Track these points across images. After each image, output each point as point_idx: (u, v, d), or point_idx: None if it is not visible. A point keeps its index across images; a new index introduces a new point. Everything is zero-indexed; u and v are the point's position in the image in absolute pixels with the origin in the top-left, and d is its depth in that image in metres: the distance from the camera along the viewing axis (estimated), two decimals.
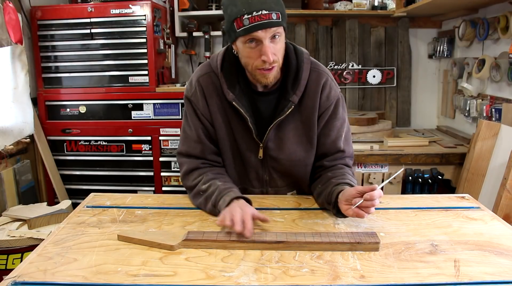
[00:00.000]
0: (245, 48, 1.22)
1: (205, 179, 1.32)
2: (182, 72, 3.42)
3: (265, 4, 1.16)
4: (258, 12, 1.15)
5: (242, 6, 1.16)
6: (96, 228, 1.20)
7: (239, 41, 1.22)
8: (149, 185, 2.91)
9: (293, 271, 0.97)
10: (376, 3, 3.16)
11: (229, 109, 1.34)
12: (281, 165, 1.40)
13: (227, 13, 1.21)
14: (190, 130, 1.39)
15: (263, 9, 1.15)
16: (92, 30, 2.76)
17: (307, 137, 1.38)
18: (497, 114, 2.38)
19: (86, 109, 2.85)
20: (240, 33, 1.18)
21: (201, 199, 1.31)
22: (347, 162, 1.41)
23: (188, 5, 3.08)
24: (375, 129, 2.91)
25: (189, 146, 1.38)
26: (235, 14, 1.17)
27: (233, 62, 1.33)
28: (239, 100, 1.31)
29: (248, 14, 1.15)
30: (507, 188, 1.97)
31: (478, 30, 2.57)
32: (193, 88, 1.37)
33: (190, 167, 1.37)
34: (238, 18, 1.17)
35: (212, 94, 1.35)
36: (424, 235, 1.16)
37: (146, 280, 0.93)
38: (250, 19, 1.15)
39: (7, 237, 1.92)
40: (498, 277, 0.95)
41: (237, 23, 1.17)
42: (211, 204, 1.26)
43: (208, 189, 1.29)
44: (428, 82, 3.39)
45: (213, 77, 1.35)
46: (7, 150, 2.41)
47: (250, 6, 1.15)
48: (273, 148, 1.37)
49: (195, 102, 1.36)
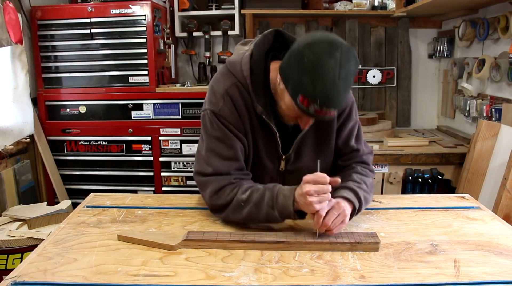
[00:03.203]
0: (289, 104, 1.14)
1: (242, 189, 1.20)
2: (182, 72, 3.42)
3: (339, 105, 1.10)
4: (328, 109, 1.08)
5: (320, 94, 1.05)
6: (96, 228, 1.20)
7: (291, 100, 1.12)
8: (149, 185, 2.91)
9: (293, 271, 0.98)
10: (376, 3, 3.16)
11: (255, 121, 1.27)
12: (299, 174, 1.38)
13: (300, 77, 1.07)
14: (221, 147, 1.24)
15: (335, 108, 1.09)
16: (92, 30, 2.75)
17: (327, 145, 1.36)
18: (497, 114, 2.38)
19: (86, 109, 2.84)
20: (298, 106, 1.10)
21: (249, 209, 1.17)
22: (363, 160, 1.39)
23: (188, 5, 3.08)
24: (375, 129, 2.91)
25: (220, 165, 1.24)
26: (307, 93, 1.06)
27: (260, 73, 1.26)
28: (267, 113, 1.25)
29: (318, 106, 1.06)
30: (507, 188, 1.97)
31: (478, 30, 2.57)
32: (220, 101, 1.25)
33: (221, 184, 1.22)
34: (306, 98, 1.07)
35: (242, 106, 1.26)
36: (424, 235, 1.16)
37: (146, 280, 0.93)
38: (316, 111, 1.08)
39: (7, 237, 1.92)
40: (498, 277, 0.95)
41: (302, 99, 1.08)
42: (268, 206, 1.15)
43: (252, 196, 1.18)
44: (428, 82, 3.39)
45: (240, 88, 1.26)
46: (7, 150, 2.41)
47: (326, 100, 1.06)
48: (293, 159, 1.34)
49: (225, 117, 1.24)
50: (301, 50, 1.08)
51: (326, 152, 1.37)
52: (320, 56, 1.04)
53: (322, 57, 1.04)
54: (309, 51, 1.06)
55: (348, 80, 1.07)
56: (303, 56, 1.07)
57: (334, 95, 1.05)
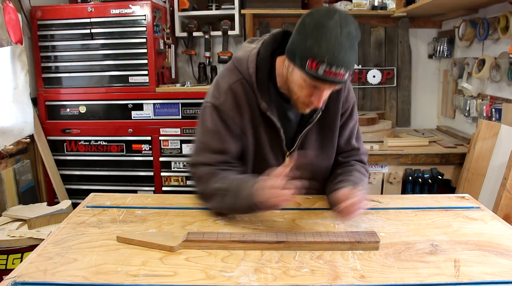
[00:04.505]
0: (300, 81, 1.14)
1: (217, 178, 1.24)
2: (182, 72, 3.42)
3: (347, 63, 1.08)
4: (337, 69, 1.06)
5: (326, 53, 1.05)
6: (96, 228, 1.20)
7: (299, 72, 1.12)
8: (149, 185, 2.91)
9: (293, 271, 0.97)
10: (376, 3, 3.16)
11: (258, 117, 1.29)
12: (302, 170, 1.39)
13: (305, 43, 1.09)
14: (211, 140, 1.28)
15: (343, 67, 1.07)
16: (92, 30, 2.76)
17: (330, 141, 1.37)
18: (497, 114, 2.38)
19: (86, 109, 2.84)
20: (308, 72, 1.09)
21: (217, 197, 1.22)
22: (362, 159, 1.44)
23: (188, 5, 3.08)
24: (375, 129, 2.91)
25: (209, 158, 1.28)
26: (314, 54, 1.07)
27: (265, 70, 1.26)
28: (271, 110, 1.26)
29: (327, 66, 1.06)
30: (507, 188, 1.97)
31: (478, 30, 2.57)
32: (223, 96, 1.27)
33: (204, 172, 1.27)
34: (314, 60, 1.07)
35: (244, 103, 1.27)
36: (424, 235, 1.16)
37: (146, 280, 0.93)
38: (326, 72, 1.07)
39: (7, 237, 1.92)
40: (498, 277, 0.95)
41: (310, 62, 1.08)
42: (233, 196, 1.18)
43: (222, 184, 1.22)
44: (428, 82, 3.39)
45: (244, 84, 1.27)
46: (7, 150, 2.41)
47: (333, 58, 1.05)
48: (297, 154, 1.35)
49: (225, 111, 1.27)
50: (302, 21, 1.13)
51: (329, 149, 1.39)
52: (320, 19, 1.08)
53: (322, 19, 1.08)
54: (309, 17, 1.11)
55: (351, 40, 1.08)
56: (304, 24, 1.11)
57: (340, 52, 1.06)
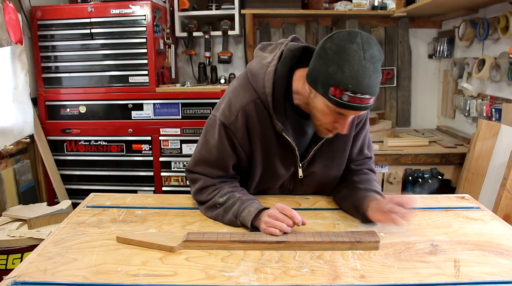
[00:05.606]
0: (324, 107, 1.10)
1: (222, 193, 1.26)
2: (182, 72, 3.42)
3: (372, 89, 1.04)
4: (363, 96, 1.03)
5: (350, 79, 1.02)
6: (96, 228, 1.20)
7: (322, 99, 1.09)
8: (149, 185, 2.91)
9: (293, 271, 0.97)
10: (376, 3, 3.16)
11: (272, 138, 1.26)
12: (312, 180, 1.38)
13: (327, 69, 1.05)
14: (214, 155, 1.28)
15: (368, 94, 1.04)
16: (92, 30, 2.76)
17: (342, 152, 1.35)
18: (497, 114, 2.38)
19: (86, 109, 2.84)
20: (331, 100, 1.06)
21: (218, 211, 1.24)
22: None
23: (188, 5, 3.08)
24: (375, 129, 2.91)
25: (208, 171, 1.30)
26: (337, 81, 1.03)
27: (282, 88, 1.22)
28: (287, 130, 1.23)
29: (352, 93, 1.03)
30: (507, 188, 1.97)
31: (478, 30, 2.57)
32: (234, 116, 1.24)
33: (206, 184, 1.29)
34: (338, 88, 1.03)
35: (256, 123, 1.24)
36: (424, 235, 1.16)
37: (146, 280, 0.93)
38: (351, 99, 1.03)
39: (7, 237, 1.92)
40: (498, 277, 0.95)
41: (334, 89, 1.04)
42: (232, 214, 1.20)
43: (227, 201, 1.23)
44: (428, 82, 3.39)
45: (259, 105, 1.23)
46: (7, 150, 2.41)
47: (358, 85, 1.02)
48: (306, 165, 1.34)
49: (233, 131, 1.25)
50: (322, 46, 1.09)
51: (340, 159, 1.36)
52: (342, 44, 1.04)
53: (344, 44, 1.04)
54: (330, 43, 1.07)
55: (375, 63, 1.04)
56: (325, 50, 1.07)
57: (365, 77, 1.02)
